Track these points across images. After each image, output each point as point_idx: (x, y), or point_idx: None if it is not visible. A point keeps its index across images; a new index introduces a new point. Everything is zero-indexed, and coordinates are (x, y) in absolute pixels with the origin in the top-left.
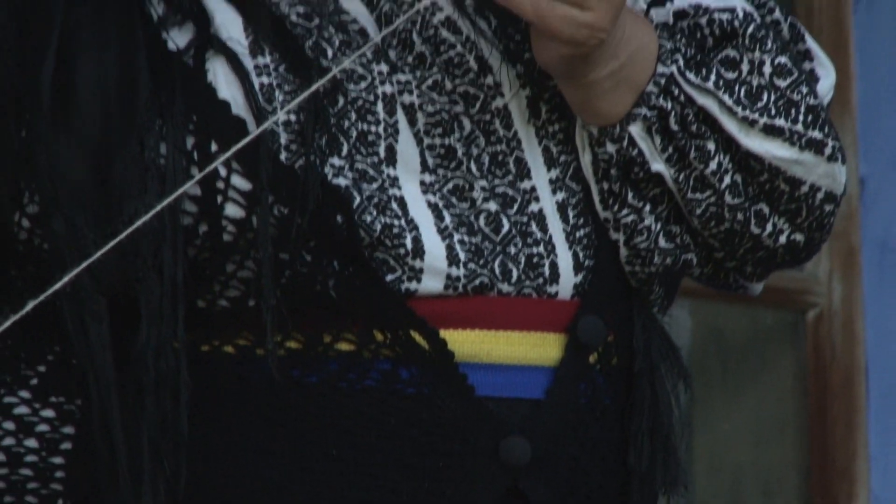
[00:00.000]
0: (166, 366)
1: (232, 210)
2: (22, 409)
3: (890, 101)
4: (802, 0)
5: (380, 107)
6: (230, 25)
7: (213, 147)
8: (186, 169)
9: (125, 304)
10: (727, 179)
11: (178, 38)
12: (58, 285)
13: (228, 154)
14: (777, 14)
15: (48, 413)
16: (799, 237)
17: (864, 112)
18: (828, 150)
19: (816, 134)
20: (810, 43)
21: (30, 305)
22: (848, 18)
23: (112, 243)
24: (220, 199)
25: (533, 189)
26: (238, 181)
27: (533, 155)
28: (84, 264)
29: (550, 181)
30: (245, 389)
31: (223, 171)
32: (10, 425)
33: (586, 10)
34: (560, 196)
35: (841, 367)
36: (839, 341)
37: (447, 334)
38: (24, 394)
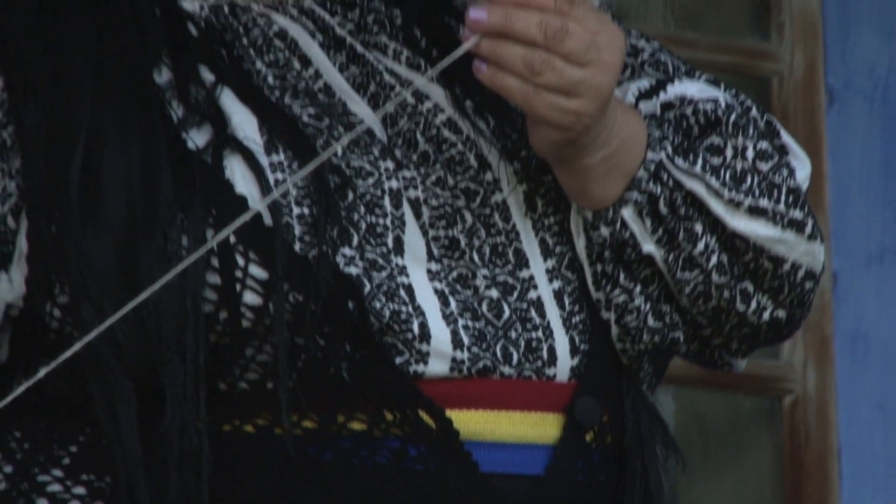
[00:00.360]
0: (189, 444)
1: (250, 298)
2: (55, 487)
3: (860, 199)
4: (778, 104)
5: (387, 201)
6: (246, 125)
7: (232, 239)
8: (206, 259)
9: (151, 387)
10: (714, 259)
11: (197, 138)
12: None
13: (229, 230)
14: (754, 112)
15: (80, 490)
16: (781, 314)
17: (836, 210)
18: (808, 230)
19: (797, 214)
20: (785, 138)
21: (42, 372)
22: (821, 121)
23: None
24: (238, 287)
25: (531, 278)
26: (255, 270)
27: (530, 246)
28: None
29: (547, 270)
30: (264, 466)
31: (241, 262)
32: (43, 502)
33: (572, 98)
34: (556, 284)
35: (815, 450)
36: (813, 426)
37: (453, 414)
38: (57, 472)
